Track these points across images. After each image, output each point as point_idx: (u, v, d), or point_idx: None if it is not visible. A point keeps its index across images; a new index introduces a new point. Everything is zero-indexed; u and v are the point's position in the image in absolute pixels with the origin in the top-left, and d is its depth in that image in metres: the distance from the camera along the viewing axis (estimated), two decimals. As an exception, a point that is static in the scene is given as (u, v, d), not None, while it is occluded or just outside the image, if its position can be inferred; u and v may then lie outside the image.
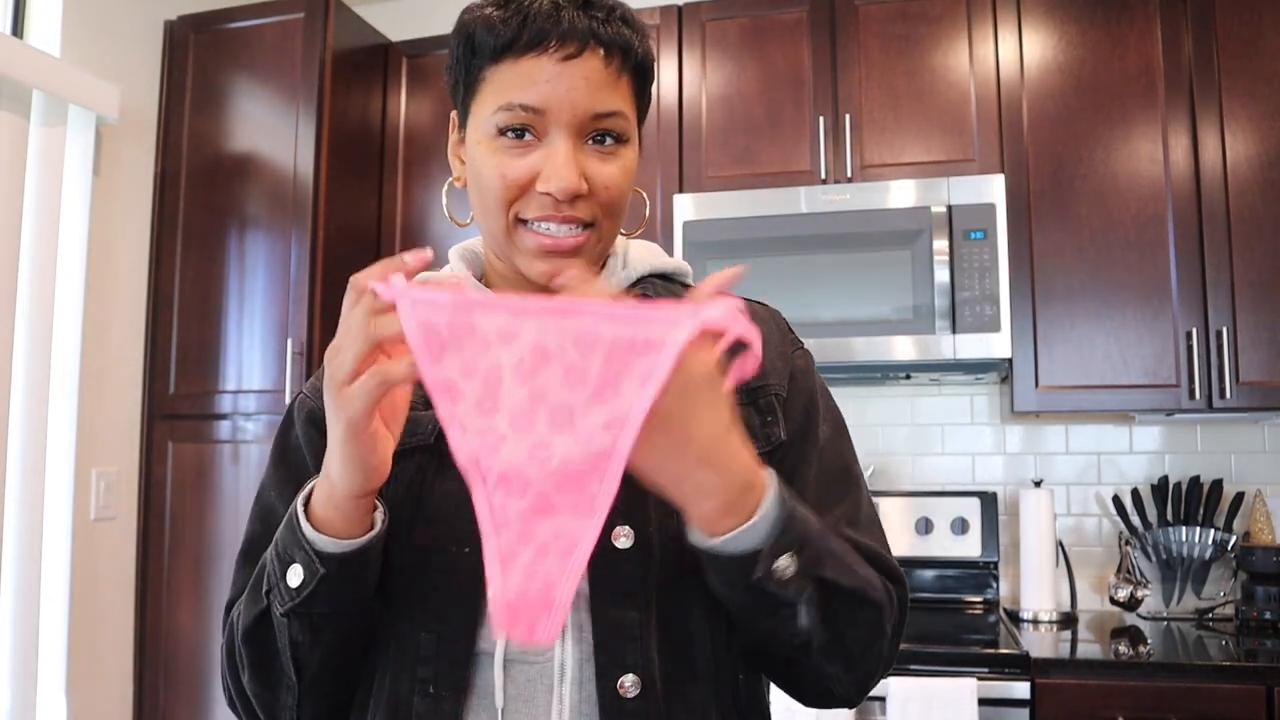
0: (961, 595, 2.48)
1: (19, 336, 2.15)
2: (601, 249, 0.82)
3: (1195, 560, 2.39)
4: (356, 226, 2.62)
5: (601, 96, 0.76)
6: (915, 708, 1.86)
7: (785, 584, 0.65)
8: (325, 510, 0.69)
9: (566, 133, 0.75)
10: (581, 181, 0.75)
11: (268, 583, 0.73)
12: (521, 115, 0.75)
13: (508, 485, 0.60)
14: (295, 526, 0.70)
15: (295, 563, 0.70)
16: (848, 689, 0.77)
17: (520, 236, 0.78)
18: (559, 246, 0.77)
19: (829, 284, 2.29)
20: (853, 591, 0.71)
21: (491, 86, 0.77)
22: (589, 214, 0.77)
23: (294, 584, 0.70)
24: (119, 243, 2.48)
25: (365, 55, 2.67)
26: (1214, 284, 2.19)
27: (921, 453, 2.65)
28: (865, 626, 0.74)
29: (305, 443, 0.84)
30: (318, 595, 0.70)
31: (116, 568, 2.44)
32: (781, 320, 0.90)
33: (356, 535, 0.70)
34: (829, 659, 0.73)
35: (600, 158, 0.78)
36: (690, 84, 2.51)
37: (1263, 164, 2.19)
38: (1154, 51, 2.27)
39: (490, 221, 0.79)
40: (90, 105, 2.28)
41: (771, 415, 0.81)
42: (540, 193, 0.76)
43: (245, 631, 0.75)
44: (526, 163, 0.76)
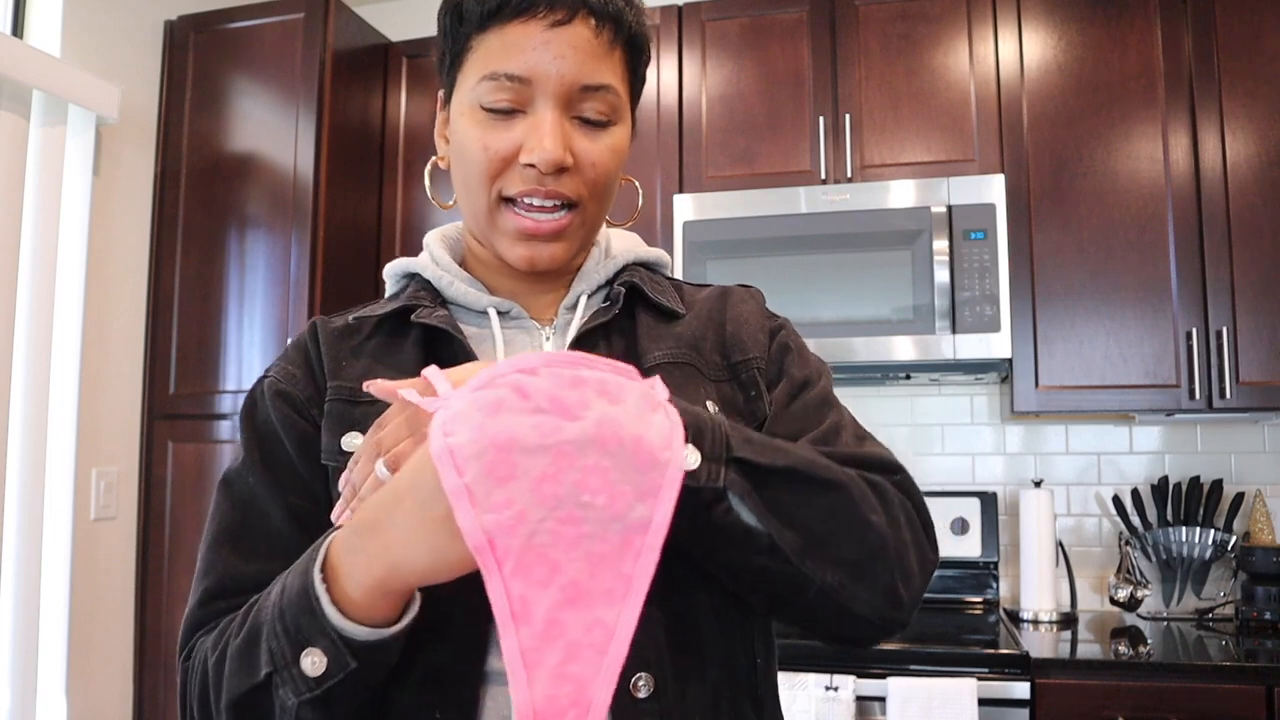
0: (961, 595, 2.48)
1: (19, 336, 2.15)
2: (585, 234, 0.79)
3: (1195, 560, 2.39)
4: (356, 226, 2.62)
5: (591, 68, 0.73)
6: (915, 708, 1.86)
7: (695, 473, 0.59)
8: (365, 595, 0.59)
9: (552, 103, 0.73)
10: (566, 154, 0.73)
11: (269, 660, 0.62)
12: (507, 86, 0.72)
13: (528, 572, 0.51)
14: (316, 608, 0.60)
15: (314, 648, 0.60)
16: (869, 604, 0.67)
17: (502, 217, 0.75)
18: (540, 230, 0.74)
19: (829, 284, 2.29)
20: (788, 470, 0.64)
21: (477, 56, 0.74)
22: (573, 191, 0.74)
23: (313, 673, 0.60)
24: (119, 243, 2.48)
25: (365, 55, 2.67)
26: (1214, 284, 2.19)
27: (921, 453, 2.65)
28: (830, 512, 0.65)
29: (280, 421, 0.76)
30: (344, 684, 0.61)
31: (116, 568, 2.44)
32: (761, 298, 0.88)
33: (394, 617, 0.61)
34: (819, 566, 0.64)
35: (588, 134, 0.75)
36: (690, 84, 2.51)
37: (1263, 164, 2.19)
38: (1154, 51, 2.27)
39: (473, 199, 0.76)
40: (90, 105, 2.28)
41: (755, 389, 0.78)
42: (524, 165, 0.73)
43: (231, 700, 0.65)
44: (510, 135, 0.73)
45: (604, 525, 0.52)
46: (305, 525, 0.74)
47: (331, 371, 0.78)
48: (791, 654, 1.98)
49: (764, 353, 0.81)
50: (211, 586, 0.73)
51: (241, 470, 0.77)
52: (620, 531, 0.52)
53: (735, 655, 0.74)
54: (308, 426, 0.76)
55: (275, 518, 0.74)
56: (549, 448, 0.51)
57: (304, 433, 0.76)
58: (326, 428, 0.75)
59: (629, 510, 0.52)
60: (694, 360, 0.78)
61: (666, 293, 0.84)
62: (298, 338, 0.83)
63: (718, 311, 0.83)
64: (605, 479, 0.52)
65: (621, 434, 0.52)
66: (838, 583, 0.65)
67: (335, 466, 0.73)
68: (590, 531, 0.51)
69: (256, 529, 0.74)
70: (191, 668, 0.70)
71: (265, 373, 0.81)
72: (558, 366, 0.54)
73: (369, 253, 2.66)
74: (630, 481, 0.52)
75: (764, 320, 0.84)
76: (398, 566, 0.57)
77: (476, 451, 0.51)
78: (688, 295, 0.86)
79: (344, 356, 0.79)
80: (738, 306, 0.84)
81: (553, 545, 0.51)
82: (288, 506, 0.74)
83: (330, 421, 0.75)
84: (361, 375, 0.76)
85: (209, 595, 0.73)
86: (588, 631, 0.52)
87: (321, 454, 0.75)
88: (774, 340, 0.82)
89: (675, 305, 0.82)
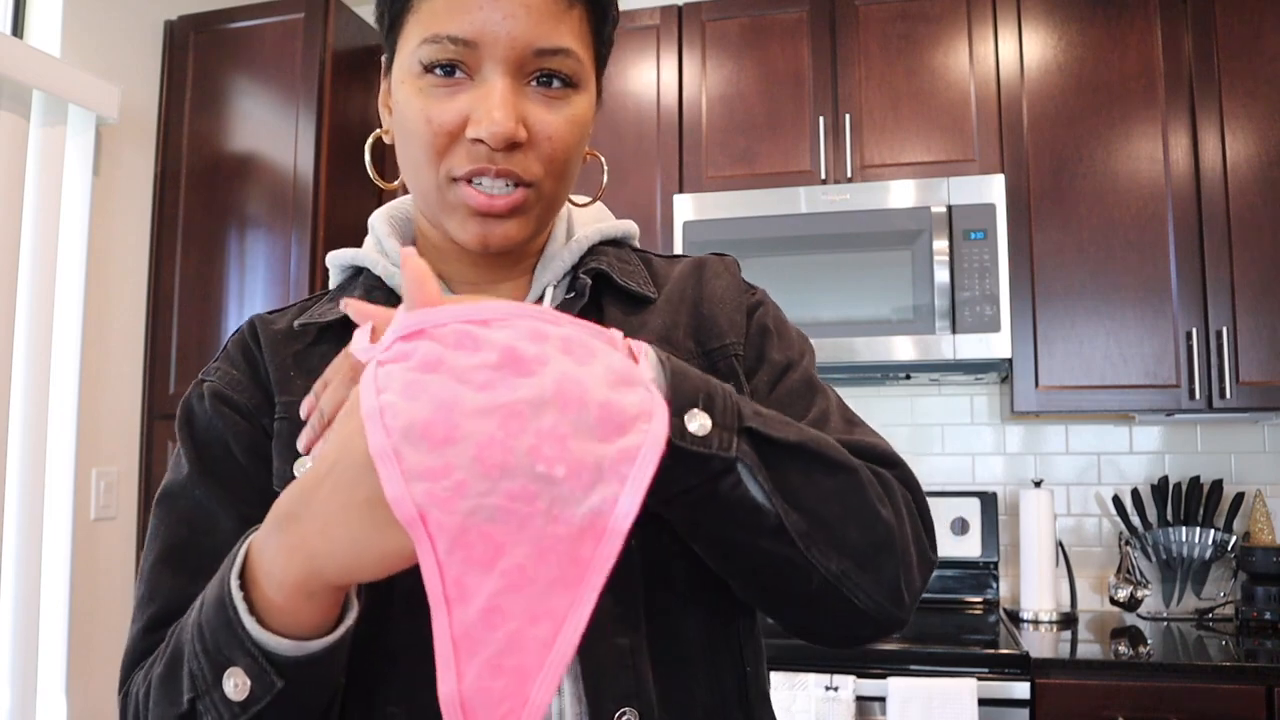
0: (961, 595, 2.48)
1: (19, 337, 2.15)
2: (543, 212, 0.69)
3: (1195, 560, 2.39)
4: (356, 226, 2.62)
5: (546, 29, 0.64)
6: (915, 708, 1.86)
7: (706, 439, 0.54)
8: (287, 598, 0.51)
9: (502, 69, 0.64)
10: (519, 127, 0.64)
11: (191, 685, 0.55)
12: (450, 49, 0.64)
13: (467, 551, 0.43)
14: (233, 620, 0.52)
15: (235, 667, 0.52)
16: (872, 598, 0.62)
17: (450, 194, 0.66)
18: (492, 207, 0.65)
19: (829, 284, 2.29)
20: (799, 447, 0.59)
21: (419, 16, 0.65)
22: (527, 170, 0.66)
23: (236, 697, 0.53)
24: (119, 243, 2.48)
25: (365, 55, 2.67)
26: (1214, 284, 2.19)
27: (921, 453, 2.65)
28: (839, 497, 0.61)
29: (225, 427, 0.69)
30: (270, 709, 0.53)
31: (116, 568, 2.44)
32: (735, 269, 0.79)
33: (326, 625, 0.53)
34: (824, 553, 0.60)
35: (544, 102, 0.66)
36: (690, 84, 2.51)
37: (1263, 164, 2.19)
38: (1154, 51, 2.27)
39: (419, 178, 0.68)
40: (90, 105, 2.28)
41: (734, 380, 0.71)
42: (471, 140, 0.64)
43: (156, 715, 0.57)
44: (456, 105, 0.64)
45: (561, 504, 0.44)
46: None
47: (279, 383, 0.70)
48: (791, 654, 1.98)
49: (741, 337, 0.74)
50: (156, 614, 0.65)
51: (184, 483, 0.68)
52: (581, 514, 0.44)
53: (724, 673, 0.69)
54: (257, 433, 0.69)
55: (225, 530, 0.66)
56: (498, 407, 0.43)
57: (254, 439, 0.69)
58: (276, 450, 0.68)
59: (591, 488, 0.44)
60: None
61: (636, 275, 0.76)
62: (235, 337, 0.74)
63: (691, 290, 0.76)
64: (563, 447, 0.44)
65: (586, 397, 0.45)
66: (842, 572, 0.60)
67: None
68: (544, 509, 0.43)
69: (204, 546, 0.66)
70: (129, 704, 0.62)
71: (201, 376, 0.73)
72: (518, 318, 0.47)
73: (369, 253, 2.66)
74: (594, 454, 0.44)
75: (740, 297, 0.76)
76: (316, 562, 0.49)
77: (410, 410, 0.43)
78: (659, 270, 0.79)
79: (290, 366, 0.71)
80: (712, 283, 0.76)
81: (498, 522, 0.43)
82: (240, 517, 0.66)
83: (280, 444, 0.68)
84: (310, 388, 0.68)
85: (153, 623, 0.65)
86: (533, 622, 0.44)
87: (273, 478, 0.67)
88: (752, 319, 0.75)
89: (645, 289, 0.75)
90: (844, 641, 0.67)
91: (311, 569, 0.49)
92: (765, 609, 0.68)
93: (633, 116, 2.51)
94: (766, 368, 0.74)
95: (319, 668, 0.53)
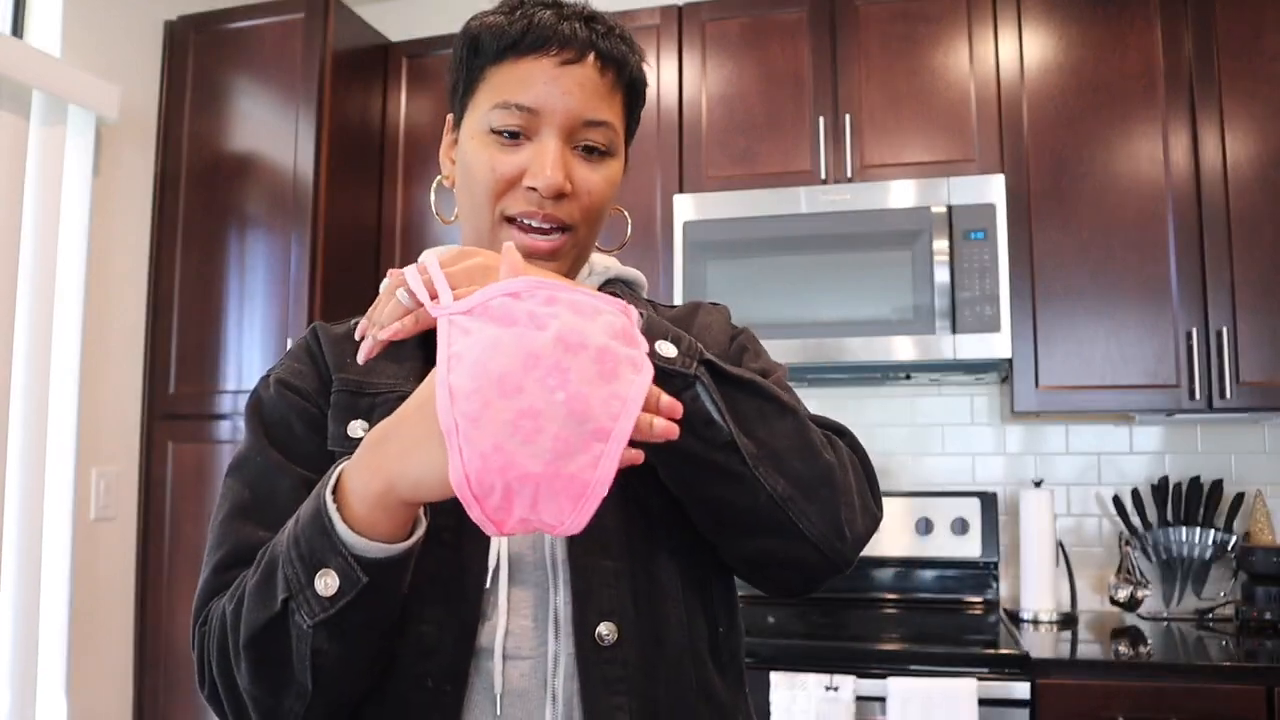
0: (961, 595, 2.48)
1: (19, 337, 2.15)
2: (577, 255, 0.85)
3: (1195, 560, 2.39)
4: (356, 226, 2.62)
5: (594, 104, 0.81)
6: (915, 708, 1.86)
7: (671, 360, 0.70)
8: (369, 510, 0.63)
9: (557, 134, 0.80)
10: (566, 181, 0.80)
11: (285, 587, 0.65)
12: (516, 115, 0.79)
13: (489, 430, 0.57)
14: (328, 527, 0.63)
15: (328, 568, 0.63)
16: (816, 526, 0.73)
17: (503, 233, 0.81)
18: (536, 249, 0.81)
19: (829, 284, 2.29)
20: (751, 384, 0.74)
21: (490, 85, 0.81)
22: (568, 216, 0.81)
23: (326, 593, 0.63)
24: (119, 243, 2.48)
25: (365, 55, 2.67)
26: (1214, 284, 2.19)
27: (921, 453, 2.65)
28: (785, 434, 0.74)
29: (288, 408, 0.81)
30: (355, 605, 0.64)
31: (116, 568, 2.44)
32: (726, 312, 0.95)
33: (400, 536, 0.64)
34: (770, 474, 0.72)
35: (587, 164, 0.82)
36: (690, 84, 2.51)
37: (1263, 164, 2.19)
38: (1154, 51, 2.27)
39: (477, 217, 0.83)
40: (90, 105, 2.28)
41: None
42: (526, 188, 0.80)
43: (250, 636, 0.67)
44: (516, 159, 0.80)
45: (561, 424, 0.56)
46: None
47: (336, 366, 0.83)
48: (791, 654, 1.98)
49: (723, 351, 0.87)
50: (226, 556, 0.75)
51: (248, 454, 0.80)
52: (579, 433, 0.56)
53: (696, 618, 0.79)
54: (317, 412, 0.81)
55: (285, 488, 0.77)
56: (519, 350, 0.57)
57: (313, 416, 0.81)
58: (333, 416, 0.80)
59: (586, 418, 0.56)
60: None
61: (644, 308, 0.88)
62: (299, 340, 0.88)
63: (684, 321, 0.89)
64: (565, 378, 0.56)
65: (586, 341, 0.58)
66: (787, 496, 0.72)
67: (342, 452, 0.76)
68: (550, 430, 0.56)
69: (270, 500, 0.76)
70: (209, 630, 0.72)
71: (268, 373, 0.85)
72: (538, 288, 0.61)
73: (369, 253, 2.66)
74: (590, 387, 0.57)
75: (727, 329, 0.91)
76: (393, 480, 0.61)
77: (465, 355, 0.58)
78: (661, 314, 0.91)
79: (347, 355, 0.83)
80: (704, 318, 0.91)
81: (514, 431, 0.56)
82: (299, 477, 0.77)
83: (336, 411, 0.80)
84: (366, 369, 0.81)
85: (223, 564, 0.75)
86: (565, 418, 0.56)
87: (329, 440, 0.79)
88: (733, 342, 0.89)
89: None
90: (795, 581, 0.78)
91: (389, 485, 0.61)
92: (721, 540, 0.78)
93: (633, 116, 2.51)
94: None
95: (395, 570, 0.64)
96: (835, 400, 2.69)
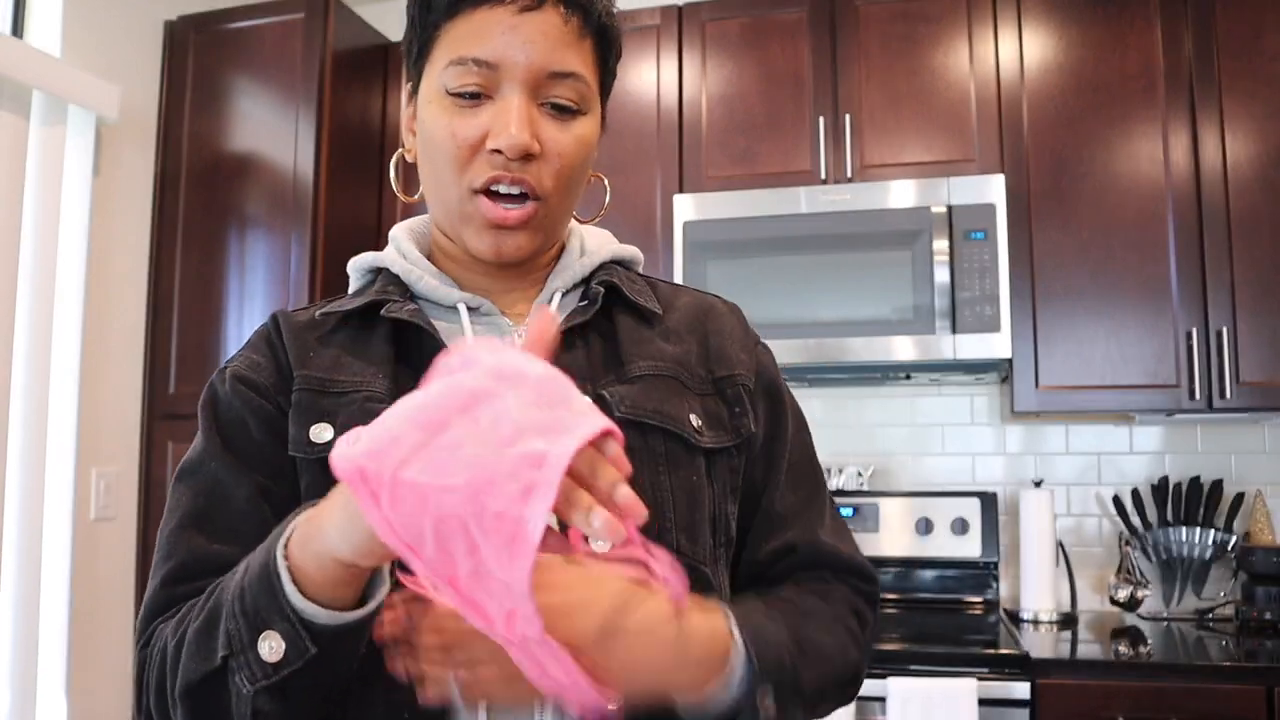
0: (961, 595, 2.48)
1: (19, 337, 2.15)
2: (550, 226, 0.77)
3: (1195, 560, 2.39)
4: (356, 226, 2.62)
5: (559, 55, 0.72)
6: (915, 708, 1.86)
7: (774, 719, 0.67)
8: (319, 569, 0.56)
9: (520, 89, 0.72)
10: (533, 140, 0.72)
11: (226, 643, 0.59)
12: (474, 71, 0.72)
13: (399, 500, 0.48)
14: (276, 587, 0.57)
15: (273, 631, 0.57)
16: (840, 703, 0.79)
17: (469, 206, 0.74)
18: (505, 219, 0.73)
19: (829, 284, 2.29)
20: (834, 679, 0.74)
21: (444, 42, 0.74)
22: (538, 181, 0.73)
23: (270, 659, 0.58)
24: (119, 243, 2.48)
25: (365, 55, 2.67)
26: (1214, 284, 2.19)
27: (921, 453, 2.65)
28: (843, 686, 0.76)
29: (244, 406, 0.74)
30: (302, 673, 0.58)
31: (116, 568, 2.44)
32: (741, 314, 0.88)
33: (356, 600, 0.59)
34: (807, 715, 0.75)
35: (556, 122, 0.74)
36: (690, 84, 2.51)
37: (1263, 164, 2.19)
38: (1154, 51, 2.27)
39: (442, 189, 0.75)
40: (90, 105, 2.28)
41: (740, 406, 0.80)
42: (490, 151, 0.72)
43: (186, 686, 0.61)
44: (478, 121, 0.72)
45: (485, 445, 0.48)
46: (275, 504, 0.71)
47: (298, 360, 0.76)
48: (791, 654, 1.97)
49: (749, 371, 0.82)
50: (173, 570, 0.69)
51: (202, 458, 0.74)
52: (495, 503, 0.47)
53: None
54: (274, 410, 0.74)
55: (240, 498, 0.71)
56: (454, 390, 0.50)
57: (271, 416, 0.74)
58: (294, 418, 0.73)
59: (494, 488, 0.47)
60: (679, 375, 0.78)
61: (644, 293, 0.84)
62: (259, 329, 0.81)
63: (699, 324, 0.84)
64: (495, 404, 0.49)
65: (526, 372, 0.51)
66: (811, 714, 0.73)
67: (303, 458, 0.72)
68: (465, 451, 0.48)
69: (221, 510, 0.71)
70: (150, 655, 0.66)
71: (225, 364, 0.79)
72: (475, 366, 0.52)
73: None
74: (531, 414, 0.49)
75: (746, 338, 0.85)
76: (330, 542, 0.55)
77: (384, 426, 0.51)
78: (664, 294, 0.86)
79: (310, 347, 0.77)
80: (720, 320, 0.85)
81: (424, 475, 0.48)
82: (255, 485, 0.72)
83: (298, 412, 0.73)
84: (330, 365, 0.75)
85: (170, 578, 0.69)
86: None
87: (289, 444, 0.73)
88: (760, 372, 0.84)
89: (653, 305, 0.82)
90: None
91: (329, 546, 0.55)
92: None
93: (633, 116, 2.51)
94: (781, 442, 0.83)
95: (348, 639, 0.58)
96: (835, 400, 2.69)
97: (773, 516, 0.81)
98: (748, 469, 0.81)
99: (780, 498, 0.81)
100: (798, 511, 0.81)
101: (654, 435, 0.74)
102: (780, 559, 0.80)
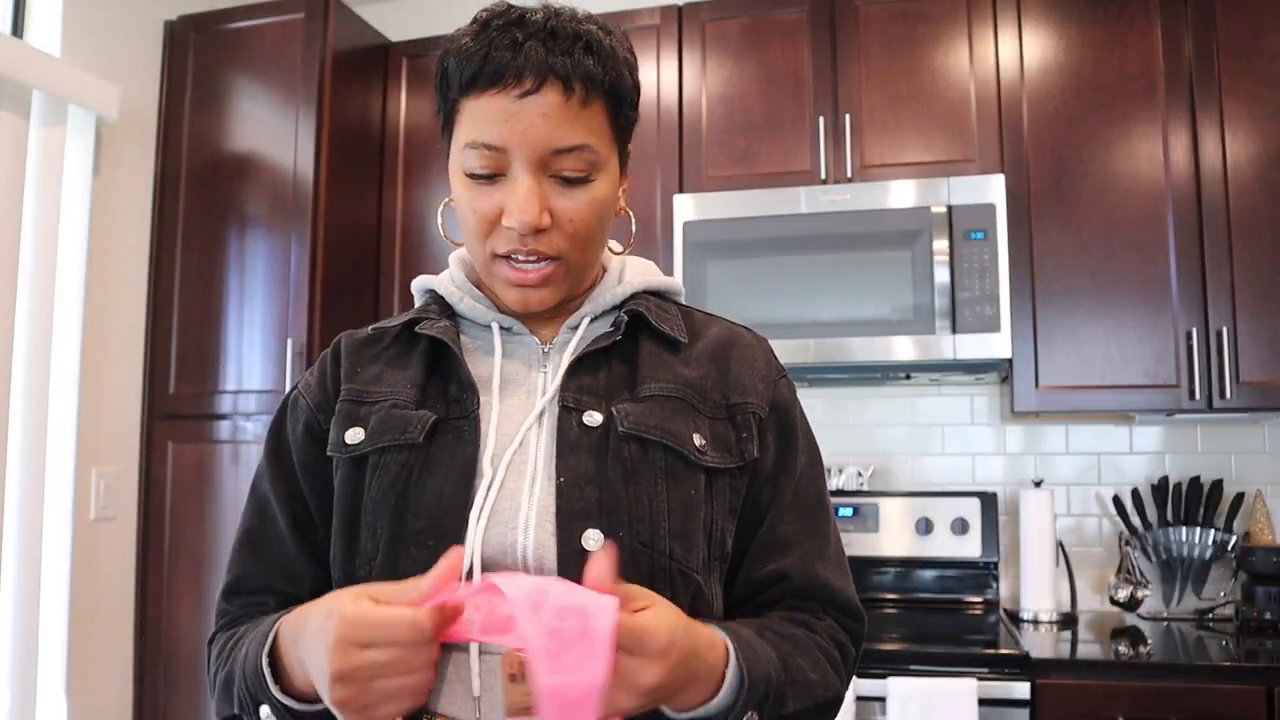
0: (961, 595, 2.48)
1: (19, 337, 2.15)
2: (573, 278, 0.84)
3: (1195, 560, 2.39)
4: (356, 226, 2.62)
5: (561, 132, 0.77)
6: (915, 708, 1.86)
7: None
8: (298, 667, 0.72)
9: (527, 169, 0.77)
10: (544, 216, 0.77)
11: (239, 703, 0.77)
12: (486, 155, 0.78)
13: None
14: (264, 685, 0.74)
15: (266, 705, 0.74)
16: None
17: (496, 267, 0.81)
18: (526, 280, 0.80)
19: (829, 284, 2.29)
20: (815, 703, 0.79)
21: (462, 120, 0.80)
22: (553, 247, 0.80)
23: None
24: (119, 243, 2.48)
25: (365, 55, 2.67)
26: (1214, 284, 2.19)
27: (921, 453, 2.65)
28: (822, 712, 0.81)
29: (295, 447, 0.87)
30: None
31: (116, 568, 2.44)
32: (768, 348, 0.93)
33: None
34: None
35: (566, 192, 0.79)
36: (690, 84, 2.51)
37: (1263, 164, 2.19)
38: (1154, 51, 2.27)
39: (471, 249, 0.84)
40: (90, 105, 2.28)
41: (747, 432, 0.84)
42: (506, 227, 0.78)
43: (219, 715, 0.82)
44: (493, 200, 0.79)
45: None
46: (304, 532, 0.85)
47: (347, 375, 0.87)
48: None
49: (763, 401, 0.87)
50: (230, 583, 0.88)
51: (261, 475, 0.88)
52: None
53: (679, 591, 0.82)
54: (315, 426, 0.86)
55: (280, 525, 0.86)
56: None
57: (307, 439, 0.86)
58: (335, 424, 0.84)
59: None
60: (688, 396, 0.84)
61: (671, 321, 0.89)
62: (323, 353, 0.93)
63: (722, 353, 0.88)
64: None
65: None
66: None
67: (338, 457, 0.83)
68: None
69: (267, 534, 0.86)
70: (208, 663, 0.86)
71: (294, 386, 0.91)
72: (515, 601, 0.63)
73: (369, 253, 2.66)
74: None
75: (769, 370, 0.90)
76: (301, 659, 0.71)
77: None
78: (696, 324, 0.92)
79: (361, 364, 0.88)
80: (744, 350, 0.89)
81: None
82: (292, 514, 0.85)
83: (339, 419, 0.84)
84: (372, 379, 0.86)
85: (228, 590, 0.88)
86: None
87: (328, 447, 0.84)
88: (775, 406, 0.88)
89: (678, 334, 0.88)
90: None
91: (302, 672, 0.72)
92: None
93: (633, 116, 2.51)
94: (788, 475, 0.87)
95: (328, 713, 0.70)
96: (835, 400, 2.69)
97: (773, 541, 0.85)
98: (753, 492, 0.85)
99: (783, 524, 0.85)
100: (799, 540, 0.85)
101: (654, 449, 0.79)
102: (775, 583, 0.85)
